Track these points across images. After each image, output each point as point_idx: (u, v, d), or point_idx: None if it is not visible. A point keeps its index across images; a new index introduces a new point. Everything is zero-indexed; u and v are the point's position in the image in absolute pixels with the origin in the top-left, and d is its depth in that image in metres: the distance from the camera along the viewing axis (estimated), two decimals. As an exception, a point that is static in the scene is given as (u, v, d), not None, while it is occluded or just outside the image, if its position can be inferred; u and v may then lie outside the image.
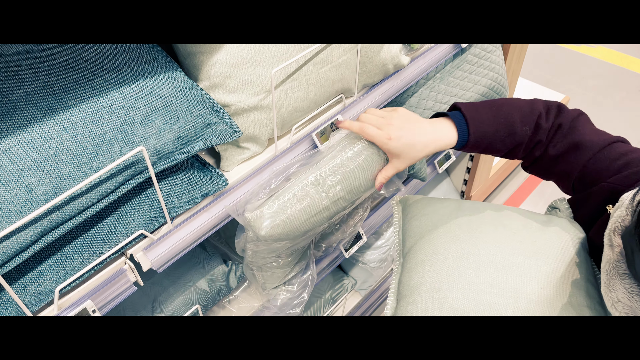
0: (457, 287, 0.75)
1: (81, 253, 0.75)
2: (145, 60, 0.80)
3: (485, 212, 0.85)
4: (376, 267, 1.68)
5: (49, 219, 0.68)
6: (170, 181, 0.84)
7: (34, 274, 0.72)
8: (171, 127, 0.79)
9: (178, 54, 0.90)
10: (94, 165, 0.71)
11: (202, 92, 0.85)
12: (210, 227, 0.90)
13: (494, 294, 0.73)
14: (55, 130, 0.68)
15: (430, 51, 1.25)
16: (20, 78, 0.69)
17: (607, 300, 0.65)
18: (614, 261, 0.64)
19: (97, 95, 0.72)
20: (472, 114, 0.84)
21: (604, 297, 0.66)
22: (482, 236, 0.80)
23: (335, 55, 0.98)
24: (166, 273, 1.15)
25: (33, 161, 0.66)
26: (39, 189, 0.66)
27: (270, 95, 0.91)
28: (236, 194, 0.93)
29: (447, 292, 0.74)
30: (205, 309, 1.19)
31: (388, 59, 1.10)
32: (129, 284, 0.82)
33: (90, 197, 0.71)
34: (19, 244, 0.66)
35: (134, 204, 0.80)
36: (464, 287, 0.74)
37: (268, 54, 0.89)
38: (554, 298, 0.72)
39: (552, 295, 0.72)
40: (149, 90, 0.77)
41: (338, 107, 1.10)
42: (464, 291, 0.74)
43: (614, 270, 0.64)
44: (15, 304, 0.70)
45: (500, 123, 0.85)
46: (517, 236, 0.80)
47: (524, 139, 0.86)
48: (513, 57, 1.76)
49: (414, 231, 0.88)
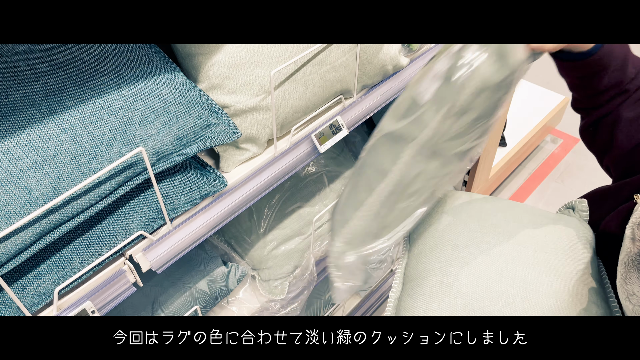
0: (466, 274, 0.75)
1: (80, 254, 0.75)
2: (145, 61, 0.80)
3: (496, 204, 0.86)
4: (376, 268, 1.68)
5: (48, 219, 0.68)
6: (170, 182, 0.84)
7: (33, 275, 0.72)
8: (170, 128, 0.79)
9: (177, 56, 0.91)
10: (93, 166, 0.71)
11: (202, 93, 0.85)
12: (209, 228, 0.90)
13: (502, 282, 0.73)
14: (55, 131, 0.68)
15: (430, 53, 1.25)
16: (20, 79, 0.69)
17: (622, 293, 0.65)
18: (635, 254, 0.64)
19: (97, 96, 0.72)
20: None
21: (619, 289, 0.65)
22: (492, 227, 0.80)
23: (334, 56, 0.98)
24: (166, 274, 1.15)
25: (32, 162, 0.66)
26: (38, 190, 0.66)
27: (269, 96, 0.91)
28: (235, 195, 0.93)
29: (456, 278, 0.75)
30: (205, 310, 1.19)
31: (387, 60, 1.10)
32: (129, 284, 0.82)
33: (89, 198, 0.72)
34: (18, 244, 0.66)
35: (133, 205, 0.80)
36: (473, 274, 0.75)
37: (267, 55, 0.89)
38: (561, 291, 0.72)
39: (560, 289, 0.72)
40: (149, 91, 0.77)
41: (337, 108, 1.10)
42: (473, 278, 0.74)
43: (633, 264, 0.64)
44: (14, 305, 0.70)
45: (622, 51, 0.80)
46: (527, 229, 0.80)
47: (624, 80, 0.81)
48: (512, 58, 1.76)
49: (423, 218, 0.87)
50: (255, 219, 1.31)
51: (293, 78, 0.94)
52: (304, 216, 1.36)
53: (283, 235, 1.33)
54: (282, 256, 1.33)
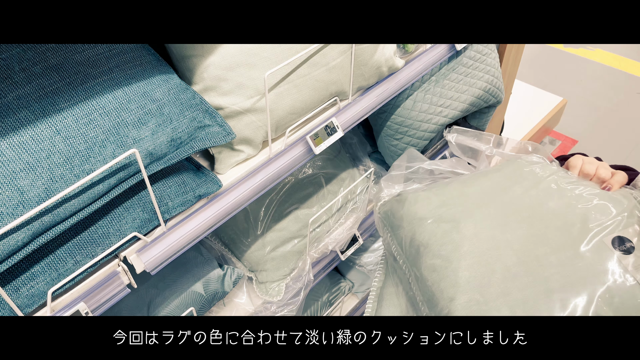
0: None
1: (74, 255, 0.75)
2: (139, 63, 0.80)
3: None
4: (373, 270, 1.68)
5: (41, 221, 0.68)
6: (164, 183, 0.84)
7: (26, 276, 0.72)
8: (164, 129, 0.79)
9: (172, 58, 0.91)
10: (87, 167, 0.71)
11: (195, 95, 0.85)
12: (204, 230, 0.90)
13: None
14: (48, 133, 0.68)
15: (425, 54, 1.25)
16: (13, 81, 0.69)
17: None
18: None
19: (90, 97, 0.73)
20: None
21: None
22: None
23: (329, 58, 0.98)
24: (162, 276, 1.15)
25: (25, 163, 0.66)
26: (31, 191, 0.66)
27: (263, 98, 0.92)
28: (230, 197, 0.93)
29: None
30: (201, 312, 1.19)
31: (382, 62, 1.10)
32: (123, 286, 0.82)
33: (82, 199, 0.72)
34: (10, 246, 0.66)
35: (127, 207, 0.80)
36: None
37: (261, 57, 0.89)
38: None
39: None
40: (142, 92, 0.77)
41: (333, 109, 1.10)
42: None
43: None
44: (7, 306, 0.71)
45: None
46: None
47: None
48: (509, 60, 1.77)
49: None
50: (252, 220, 1.31)
51: (287, 80, 0.94)
52: (302, 218, 1.36)
53: (281, 237, 1.33)
54: (280, 258, 1.33)
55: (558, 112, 2.75)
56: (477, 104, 1.50)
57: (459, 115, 1.45)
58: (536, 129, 2.58)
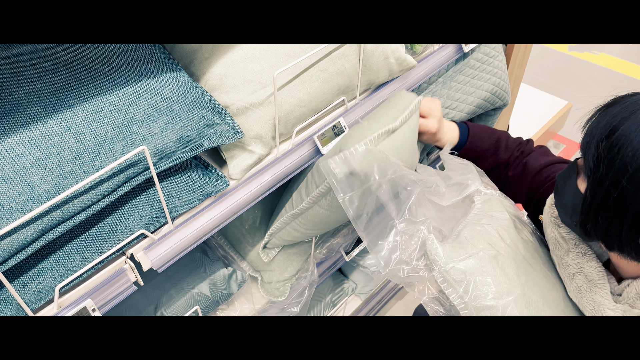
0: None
1: (82, 252, 0.75)
2: (149, 60, 0.80)
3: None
4: (376, 272, 1.68)
5: (50, 217, 0.68)
6: (172, 181, 0.84)
7: (34, 272, 0.72)
8: (173, 127, 0.79)
9: (174, 57, 0.91)
10: (96, 164, 0.71)
11: (205, 93, 0.85)
12: (211, 228, 0.90)
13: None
14: (58, 129, 0.68)
15: (433, 55, 1.25)
16: (24, 76, 0.69)
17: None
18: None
19: (100, 94, 0.73)
20: (475, 130, 1.12)
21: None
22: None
23: (332, 47, 0.98)
24: (168, 276, 1.15)
25: (35, 159, 0.66)
26: (40, 187, 0.66)
27: (268, 90, 0.91)
28: (237, 195, 0.93)
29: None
30: (205, 313, 1.19)
31: (389, 52, 1.09)
32: (129, 283, 0.82)
33: (91, 195, 0.72)
34: (19, 241, 0.66)
35: (135, 204, 0.80)
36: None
37: (261, 49, 0.89)
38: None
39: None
40: (152, 90, 0.77)
41: (340, 109, 1.10)
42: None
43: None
44: (15, 302, 0.70)
45: (491, 143, 1.10)
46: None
47: (502, 162, 1.09)
48: (515, 63, 1.76)
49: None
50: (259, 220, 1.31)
51: (291, 72, 0.94)
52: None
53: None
54: (286, 259, 1.33)
55: (563, 116, 2.74)
56: (483, 106, 1.49)
57: (465, 117, 1.44)
58: (541, 132, 2.57)
